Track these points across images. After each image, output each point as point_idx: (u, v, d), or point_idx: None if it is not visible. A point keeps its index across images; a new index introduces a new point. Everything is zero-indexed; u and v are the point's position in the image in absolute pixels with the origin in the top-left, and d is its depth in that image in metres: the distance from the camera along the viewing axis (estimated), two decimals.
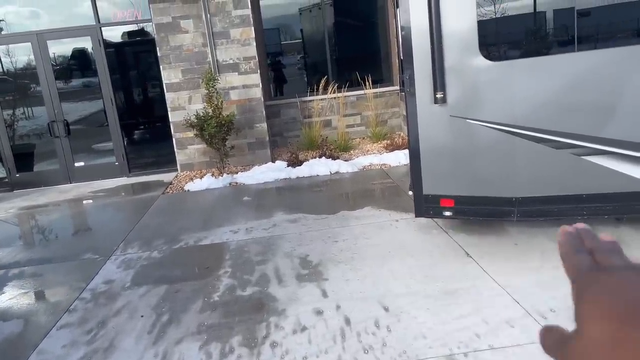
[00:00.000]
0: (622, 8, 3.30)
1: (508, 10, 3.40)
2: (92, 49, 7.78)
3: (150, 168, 8.20)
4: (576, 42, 3.26)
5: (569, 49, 3.36)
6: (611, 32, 3.43)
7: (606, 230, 3.96)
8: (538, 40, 3.57)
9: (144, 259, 4.60)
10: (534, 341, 2.76)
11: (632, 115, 3.15)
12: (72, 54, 8.21)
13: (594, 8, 3.29)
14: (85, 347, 3.19)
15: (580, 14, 3.22)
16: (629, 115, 3.16)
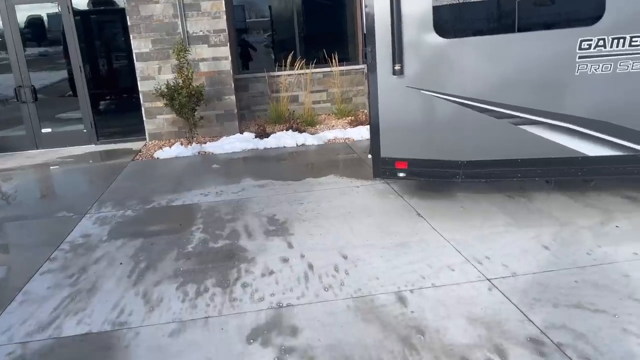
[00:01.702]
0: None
1: None
2: (62, 16, 7.78)
3: (119, 136, 8.32)
4: (516, 25, 3.71)
5: (510, 30, 3.80)
6: (544, 17, 3.88)
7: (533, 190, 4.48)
8: (485, 22, 4.00)
9: (119, 217, 4.85)
10: (470, 280, 3.23)
11: (558, 90, 3.62)
12: (41, 20, 8.18)
13: None
14: (69, 289, 3.47)
15: (520, 1, 3.66)
16: (556, 90, 3.63)
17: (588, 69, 3.54)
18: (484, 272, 3.31)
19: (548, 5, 3.85)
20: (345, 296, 3.13)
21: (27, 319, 3.13)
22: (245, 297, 3.21)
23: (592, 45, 3.47)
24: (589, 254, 3.45)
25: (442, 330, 2.73)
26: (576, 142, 3.69)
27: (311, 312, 2.99)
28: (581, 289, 3.02)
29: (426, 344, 2.62)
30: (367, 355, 2.56)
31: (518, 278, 3.21)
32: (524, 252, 3.54)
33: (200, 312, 3.07)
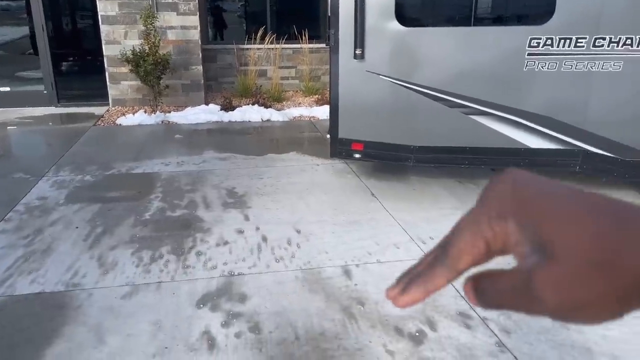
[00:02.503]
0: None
1: None
2: None
3: (81, 100, 8.18)
4: (472, 19, 3.88)
5: (466, 23, 3.97)
6: (499, 14, 4.07)
7: (482, 177, 4.71)
8: (444, 14, 4.16)
9: (77, 181, 4.87)
10: (413, 258, 3.44)
11: (507, 84, 3.84)
12: None
13: None
14: (24, 249, 3.51)
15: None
16: (505, 84, 3.85)
17: (535, 66, 3.75)
18: (426, 251, 3.52)
19: (504, 2, 4.03)
20: (295, 268, 3.30)
21: None
22: (199, 265, 3.33)
23: (540, 43, 3.68)
24: None
25: (380, 302, 2.93)
26: (520, 134, 3.93)
27: (261, 281, 3.15)
28: None
29: (365, 314, 2.82)
30: (309, 322, 2.74)
31: None
32: None
33: (153, 277, 3.18)
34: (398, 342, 2.59)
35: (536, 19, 3.79)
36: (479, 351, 2.54)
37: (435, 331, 2.68)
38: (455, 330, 2.69)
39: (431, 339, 2.62)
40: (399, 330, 2.68)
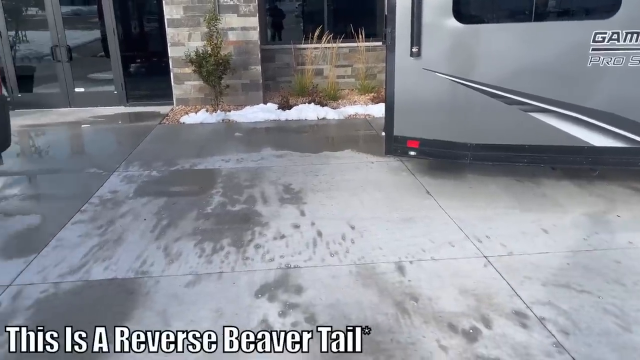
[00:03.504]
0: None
1: None
2: None
3: (147, 100, 8.61)
4: (534, 14, 3.80)
5: (526, 19, 3.88)
6: (560, 8, 3.95)
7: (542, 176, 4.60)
8: (502, 9, 4.08)
9: (144, 176, 5.16)
10: (467, 256, 3.43)
11: (569, 80, 3.73)
12: None
13: None
14: (98, 238, 3.79)
15: None
16: (568, 80, 3.73)
17: (600, 62, 3.62)
18: (482, 249, 3.51)
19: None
20: (349, 262, 3.37)
21: (59, 262, 3.45)
22: (257, 257, 3.47)
23: (606, 38, 3.55)
24: (585, 239, 3.61)
25: (434, 298, 2.95)
26: (583, 132, 3.81)
27: (316, 274, 3.24)
28: (571, 271, 3.20)
29: (418, 310, 2.85)
30: (362, 315, 2.81)
31: (513, 257, 3.40)
32: (523, 233, 3.71)
33: (214, 267, 3.34)
34: (452, 338, 2.61)
35: (601, 12, 3.66)
36: (535, 350, 2.51)
37: (490, 329, 2.67)
38: (510, 329, 2.67)
39: (486, 337, 2.62)
40: (453, 327, 2.69)
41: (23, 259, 3.49)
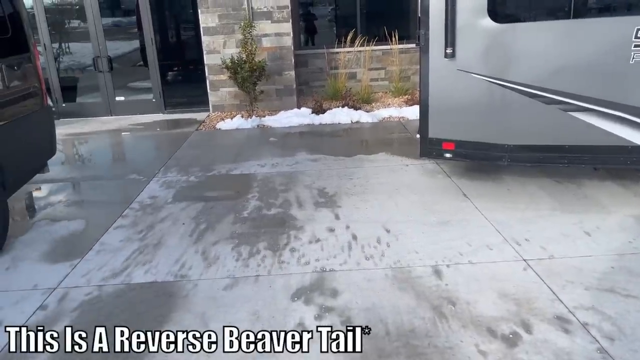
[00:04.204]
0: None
1: None
2: None
3: (184, 107, 8.82)
4: (572, 11, 3.69)
5: (564, 16, 3.78)
6: (599, 4, 3.83)
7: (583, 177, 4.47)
8: (539, 7, 3.99)
9: (182, 181, 5.27)
10: (506, 260, 3.36)
11: (611, 78, 3.61)
12: None
13: None
14: (139, 242, 3.89)
15: None
16: (609, 78, 3.61)
17: None
18: (521, 252, 3.43)
19: None
20: (384, 266, 3.36)
21: (102, 266, 3.57)
22: (293, 261, 3.50)
23: None
24: (631, 242, 3.48)
25: (472, 302, 2.90)
26: (627, 131, 3.67)
27: (351, 277, 3.24)
28: (616, 275, 3.09)
29: (456, 314, 2.81)
30: (399, 319, 2.79)
31: (554, 260, 3.31)
32: (564, 236, 3.61)
33: (251, 271, 3.39)
34: (491, 343, 2.56)
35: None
36: (578, 357, 2.44)
37: (531, 334, 2.61)
38: (552, 334, 2.60)
39: (526, 342, 2.56)
40: (492, 332, 2.64)
41: (69, 263, 3.62)
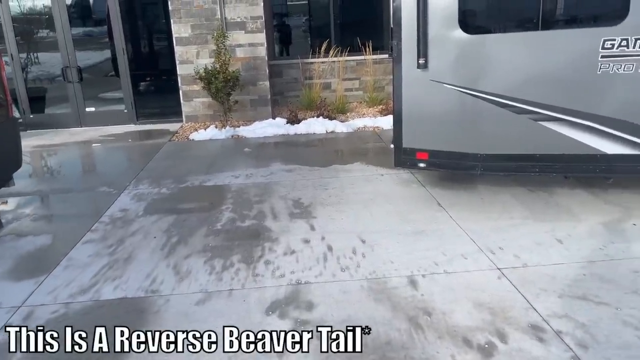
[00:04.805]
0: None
1: None
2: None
3: (157, 117, 8.69)
4: (540, 23, 3.77)
5: (533, 27, 3.86)
6: (567, 16, 3.93)
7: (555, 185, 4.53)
8: (509, 19, 4.07)
9: (154, 194, 5.17)
10: (481, 269, 3.37)
11: (579, 88, 3.69)
12: (87, 2, 8.57)
13: None
14: (108, 257, 3.78)
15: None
16: (578, 88, 3.69)
17: (610, 69, 3.58)
18: (495, 261, 3.44)
19: (573, 3, 3.89)
20: (360, 277, 3.33)
21: (70, 282, 3.45)
22: (267, 274, 3.44)
23: (615, 45, 3.51)
24: (601, 249, 3.53)
25: (448, 313, 2.89)
26: (595, 140, 3.75)
27: (327, 289, 3.20)
28: (588, 282, 3.13)
29: (432, 325, 2.79)
30: (375, 331, 2.76)
31: (528, 269, 3.33)
32: (537, 244, 3.65)
33: (225, 285, 3.32)
34: (466, 354, 2.55)
35: (609, 19, 3.62)
36: None
37: (506, 344, 2.61)
38: (526, 343, 2.61)
39: (501, 352, 2.56)
40: (468, 342, 2.64)
41: (34, 280, 3.49)
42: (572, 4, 3.91)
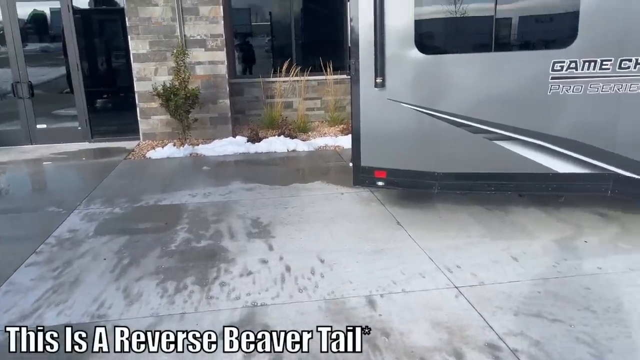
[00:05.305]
0: (532, 20, 3.99)
1: (440, 13, 3.98)
2: (61, 13, 7.92)
3: (113, 135, 8.44)
4: (493, 45, 3.87)
5: (487, 49, 3.96)
6: (519, 38, 4.05)
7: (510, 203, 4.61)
8: (463, 40, 4.16)
9: (107, 213, 4.97)
10: (438, 287, 3.36)
11: (531, 108, 3.79)
12: (42, 16, 8.33)
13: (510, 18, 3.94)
14: (53, 281, 3.58)
15: (498, 22, 3.84)
16: (529, 109, 3.79)
17: (560, 90, 3.69)
18: (453, 280, 3.44)
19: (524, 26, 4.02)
20: (318, 298, 3.26)
21: (10, 308, 3.24)
22: (222, 296, 3.33)
23: (564, 67, 3.63)
24: (555, 266, 3.59)
25: (406, 333, 2.86)
26: (547, 159, 3.84)
27: (284, 311, 3.11)
28: (542, 299, 3.16)
29: (389, 346, 2.74)
30: (332, 354, 2.69)
31: (484, 287, 3.34)
32: (493, 262, 3.68)
33: (177, 308, 3.18)
34: None
35: (559, 42, 3.75)
36: None
37: None
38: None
39: None
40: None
41: None
42: (524, 27, 4.03)
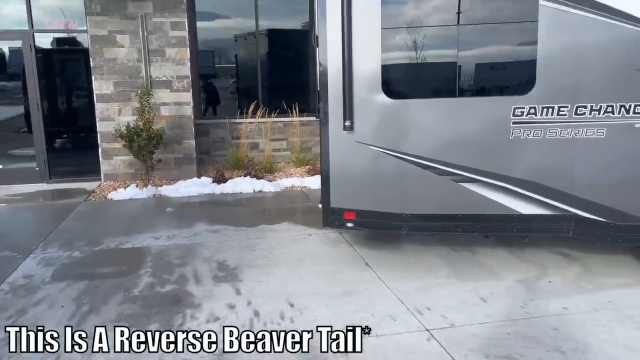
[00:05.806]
0: (493, 66, 4.19)
1: (407, 58, 4.12)
2: (23, 53, 7.78)
3: (73, 176, 8.20)
4: (457, 90, 4.03)
5: (451, 95, 4.11)
6: (482, 84, 4.24)
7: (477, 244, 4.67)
8: (429, 85, 4.32)
9: (65, 258, 4.76)
10: (409, 330, 3.33)
11: (494, 151, 3.92)
12: (2, 55, 8.16)
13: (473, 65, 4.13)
14: (3, 332, 3.36)
15: (461, 68, 4.01)
16: (492, 152, 3.93)
17: (521, 134, 3.84)
18: (424, 322, 3.43)
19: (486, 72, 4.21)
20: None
21: None
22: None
23: (524, 112, 3.79)
24: (522, 307, 3.63)
25: None
26: (511, 201, 3.95)
27: (252, 359, 3.01)
28: (512, 341, 3.17)
29: None
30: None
31: (455, 329, 3.34)
32: (462, 303, 3.69)
33: (141, 357, 3.03)
34: None
35: (519, 89, 3.94)
36: None
37: None
38: None
39: None
40: None
41: None
42: (486, 74, 4.22)
